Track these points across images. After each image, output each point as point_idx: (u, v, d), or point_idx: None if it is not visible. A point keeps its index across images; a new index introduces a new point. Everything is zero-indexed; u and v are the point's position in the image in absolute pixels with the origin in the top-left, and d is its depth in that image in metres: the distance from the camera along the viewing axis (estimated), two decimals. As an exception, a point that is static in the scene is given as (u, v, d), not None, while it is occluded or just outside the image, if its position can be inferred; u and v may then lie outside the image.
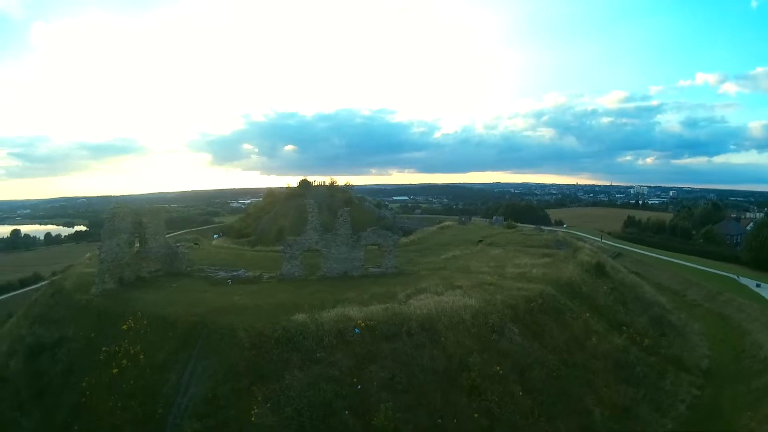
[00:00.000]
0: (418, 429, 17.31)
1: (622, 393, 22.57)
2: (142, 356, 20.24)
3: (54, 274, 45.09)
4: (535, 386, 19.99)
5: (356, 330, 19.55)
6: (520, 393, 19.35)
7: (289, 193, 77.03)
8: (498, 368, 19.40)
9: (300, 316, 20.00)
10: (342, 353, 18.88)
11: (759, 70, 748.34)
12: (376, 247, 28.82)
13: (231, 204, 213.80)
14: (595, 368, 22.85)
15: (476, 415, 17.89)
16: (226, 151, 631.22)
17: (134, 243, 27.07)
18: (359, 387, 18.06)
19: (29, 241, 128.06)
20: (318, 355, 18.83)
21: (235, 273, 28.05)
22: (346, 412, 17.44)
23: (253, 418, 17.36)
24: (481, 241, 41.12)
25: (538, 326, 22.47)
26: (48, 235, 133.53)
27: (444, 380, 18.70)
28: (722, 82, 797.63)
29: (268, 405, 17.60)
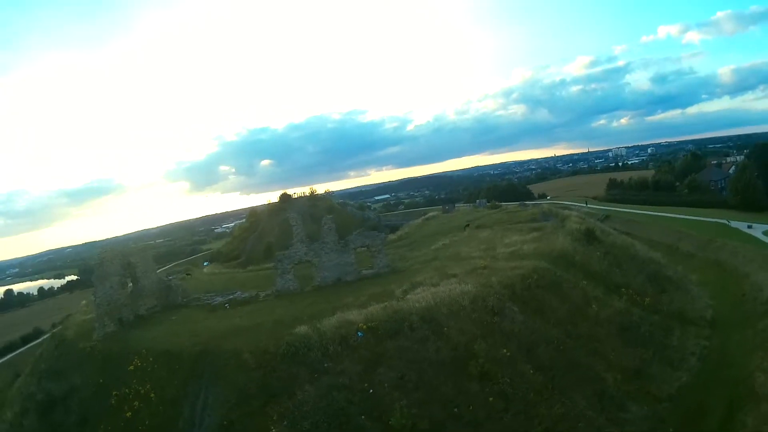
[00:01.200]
0: (434, 422, 17.45)
1: (631, 355, 22.86)
2: (152, 395, 20.16)
3: (54, 326, 44.79)
4: (543, 362, 20.21)
5: (359, 333, 19.62)
6: (531, 371, 19.56)
7: (270, 209, 77.33)
8: (505, 350, 19.59)
9: (302, 329, 20.04)
10: (348, 360, 18.95)
11: (719, 14, 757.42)
12: (366, 248, 28.96)
13: (215, 230, 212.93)
14: (600, 335, 23.15)
15: (490, 399, 18.07)
16: (203, 176, 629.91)
17: (127, 283, 27.02)
18: (371, 391, 18.15)
19: (23, 299, 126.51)
20: (325, 365, 18.88)
21: (231, 296, 28.06)
22: (362, 417, 17.53)
23: (271, 438, 17.43)
24: (467, 225, 41.31)
25: (537, 302, 22.71)
26: (41, 289, 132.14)
27: (453, 370, 18.84)
28: (684, 31, 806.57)
29: (285, 423, 17.60)
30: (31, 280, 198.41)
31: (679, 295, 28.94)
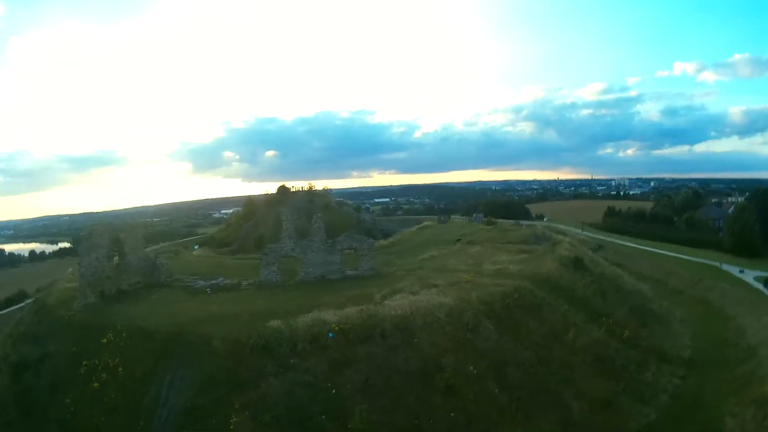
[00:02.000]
0: (394, 430, 17.53)
1: (602, 386, 22.75)
2: (121, 369, 20.30)
3: (38, 291, 45.03)
4: (512, 383, 20.20)
5: (330, 335, 19.70)
6: (496, 390, 19.58)
7: (268, 201, 77.24)
8: (472, 368, 19.60)
9: (275, 323, 20.17)
10: (317, 358, 19.04)
11: (737, 57, 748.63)
12: (353, 251, 29.08)
13: (213, 215, 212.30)
14: (574, 362, 23.08)
15: (452, 414, 18.11)
16: (206, 159, 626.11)
17: (113, 257, 27.25)
18: (334, 392, 18.24)
19: (14, 259, 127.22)
20: (292, 361, 18.99)
21: (213, 281, 28.28)
22: (323, 416, 17.63)
23: (231, 427, 17.47)
24: (459, 239, 41.40)
25: (514, 322, 22.70)
26: (32, 252, 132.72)
27: (419, 381, 18.90)
28: (700, 71, 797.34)
29: (246, 413, 17.73)
30: (24, 242, 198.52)
31: (660, 331, 28.84)
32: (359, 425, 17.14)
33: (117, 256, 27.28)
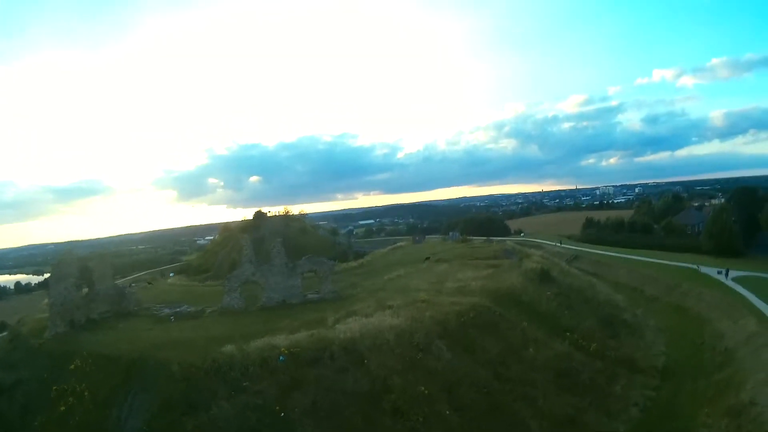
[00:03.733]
0: (340, 452, 17.88)
1: (565, 402, 22.45)
2: (86, 393, 21.10)
3: (20, 322, 46.15)
4: (464, 403, 20.23)
5: (281, 358, 20.12)
6: (447, 412, 19.64)
7: (244, 226, 77.54)
8: (423, 388, 19.73)
9: (228, 348, 20.66)
10: (267, 382, 19.45)
11: (715, 61, 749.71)
12: (314, 273, 29.34)
13: (198, 241, 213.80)
14: (534, 379, 22.90)
15: (398, 436, 18.33)
16: (191, 186, 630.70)
17: (82, 287, 28.08)
18: (282, 415, 18.65)
19: (1, 291, 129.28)
20: (244, 384, 19.45)
21: (178, 309, 28.86)
22: (271, 438, 18.09)
23: (184, 448, 18.13)
24: (428, 258, 41.46)
25: (469, 340, 22.74)
26: (18, 284, 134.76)
27: (367, 403, 19.14)
28: (679, 76, 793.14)
29: (198, 435, 18.34)
30: (9, 274, 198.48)
31: (632, 341, 28.49)
32: (303, 447, 17.53)
33: (86, 285, 28.13)
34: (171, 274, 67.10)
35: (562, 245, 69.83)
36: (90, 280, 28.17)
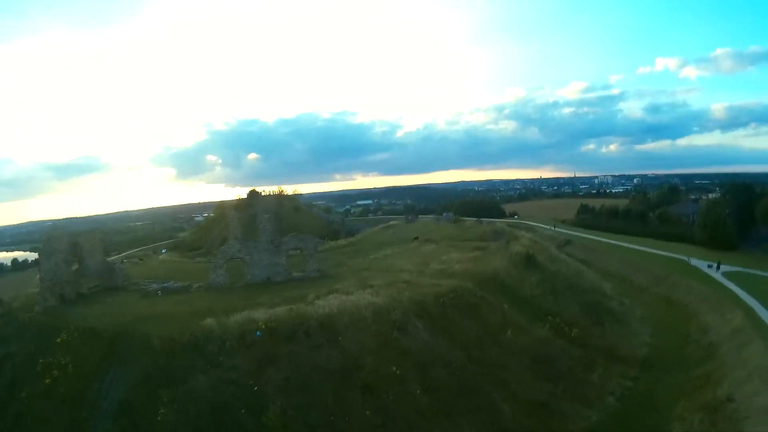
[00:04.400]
0: (309, 426, 18.18)
1: (539, 388, 22.55)
2: (70, 366, 21.72)
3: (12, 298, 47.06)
4: (436, 384, 20.41)
5: (258, 333, 20.49)
6: (418, 391, 19.88)
7: (238, 205, 77.53)
8: (395, 368, 19.97)
9: (208, 321, 21.07)
10: (242, 356, 19.85)
11: (719, 51, 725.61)
12: (299, 251, 29.63)
13: (195, 218, 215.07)
14: (509, 363, 23.05)
15: (368, 413, 18.61)
16: (189, 164, 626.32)
17: (72, 262, 28.71)
18: (256, 389, 19.06)
19: None
20: (221, 359, 19.88)
21: (165, 285, 29.36)
22: (243, 411, 18.51)
23: (159, 419, 18.61)
24: (416, 238, 41.42)
25: (447, 322, 22.90)
26: (15, 260, 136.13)
27: (338, 380, 19.43)
28: (682, 66, 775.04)
29: (174, 406, 18.79)
30: (7, 251, 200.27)
31: (615, 330, 28.46)
32: (273, 420, 17.91)
33: (76, 261, 28.77)
34: (163, 251, 67.70)
35: (556, 229, 69.50)
36: (80, 256, 28.81)
